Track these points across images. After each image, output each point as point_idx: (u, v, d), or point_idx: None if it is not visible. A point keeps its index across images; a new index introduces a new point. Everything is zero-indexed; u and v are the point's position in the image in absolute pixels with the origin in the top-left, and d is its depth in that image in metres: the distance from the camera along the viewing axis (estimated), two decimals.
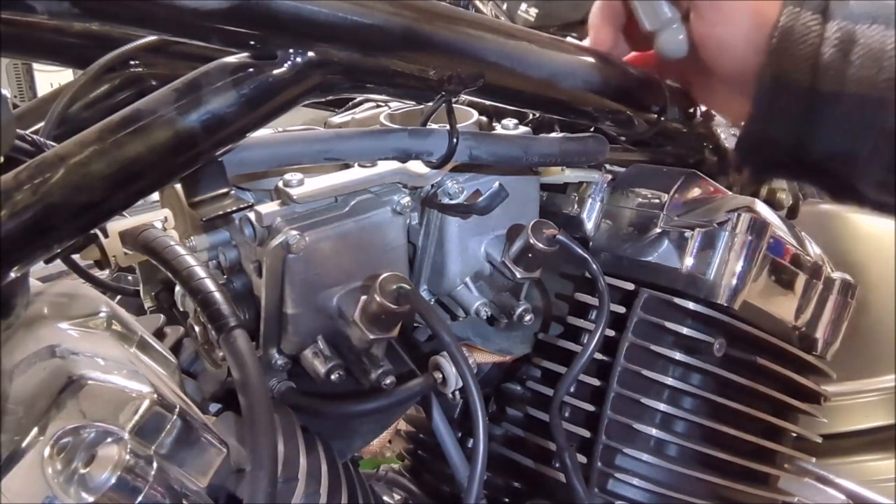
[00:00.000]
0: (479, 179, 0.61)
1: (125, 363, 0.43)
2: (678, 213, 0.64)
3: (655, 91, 0.61)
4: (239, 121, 0.42)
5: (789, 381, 0.70)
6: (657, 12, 0.58)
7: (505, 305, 0.63)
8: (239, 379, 0.42)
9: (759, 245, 0.62)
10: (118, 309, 0.50)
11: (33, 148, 0.44)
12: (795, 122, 0.53)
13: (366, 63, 0.45)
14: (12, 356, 0.42)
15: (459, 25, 0.48)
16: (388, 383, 0.56)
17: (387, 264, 0.57)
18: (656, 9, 0.58)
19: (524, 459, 0.68)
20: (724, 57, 0.56)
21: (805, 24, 0.51)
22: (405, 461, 0.83)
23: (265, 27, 0.41)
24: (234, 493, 0.45)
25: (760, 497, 0.69)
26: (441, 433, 0.66)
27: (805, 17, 0.51)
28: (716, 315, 0.62)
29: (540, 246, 0.58)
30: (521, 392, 0.70)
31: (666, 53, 0.59)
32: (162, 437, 0.40)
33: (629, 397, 0.63)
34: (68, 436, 0.36)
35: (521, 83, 0.53)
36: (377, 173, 0.57)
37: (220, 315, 0.43)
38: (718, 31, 0.55)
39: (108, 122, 0.39)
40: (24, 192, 0.36)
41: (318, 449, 0.53)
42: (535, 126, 0.71)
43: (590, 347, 0.60)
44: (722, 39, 0.55)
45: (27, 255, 0.37)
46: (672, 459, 0.64)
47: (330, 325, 0.56)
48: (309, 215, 0.54)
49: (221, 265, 0.58)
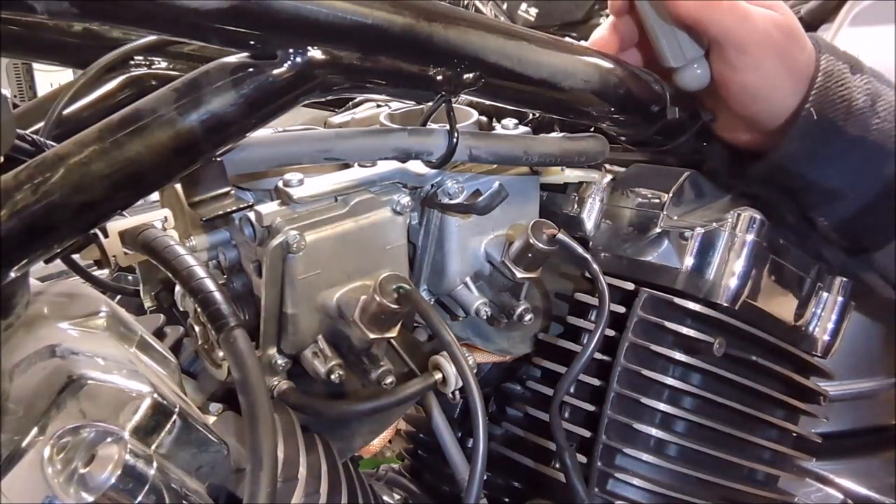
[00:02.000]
0: (479, 179, 0.61)
1: (125, 363, 0.43)
2: (678, 213, 0.64)
3: (655, 91, 0.61)
4: (239, 121, 0.42)
5: (789, 381, 0.70)
6: (683, 50, 0.58)
7: (505, 305, 0.63)
8: (239, 379, 0.42)
9: (760, 245, 0.62)
10: (118, 309, 0.50)
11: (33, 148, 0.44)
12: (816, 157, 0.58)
13: (366, 63, 0.45)
14: (12, 356, 0.42)
15: (459, 25, 0.48)
16: (388, 383, 0.56)
17: (387, 264, 0.57)
18: (682, 47, 0.58)
19: (524, 459, 0.68)
20: (746, 98, 0.58)
21: (841, 72, 0.57)
22: (405, 461, 0.83)
23: (265, 27, 0.41)
24: (234, 492, 0.45)
25: (760, 497, 0.69)
26: (441, 433, 0.66)
27: (839, 66, 0.57)
28: (716, 315, 0.62)
29: (540, 246, 0.58)
30: (521, 392, 0.70)
31: (686, 87, 0.60)
32: (162, 436, 0.40)
33: (629, 397, 0.63)
34: (68, 435, 0.36)
35: (521, 83, 0.53)
36: (377, 173, 0.57)
37: (220, 315, 0.43)
38: (745, 76, 0.57)
39: (108, 122, 0.39)
40: (24, 192, 0.36)
41: (318, 449, 0.53)
42: (535, 126, 0.71)
43: (590, 347, 0.60)
44: (747, 84, 0.57)
45: (27, 255, 0.37)
46: (672, 459, 0.64)
47: (330, 325, 0.56)
48: (309, 215, 0.54)
49: (221, 265, 0.58)
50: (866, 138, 0.56)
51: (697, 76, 0.59)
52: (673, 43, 0.58)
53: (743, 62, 0.56)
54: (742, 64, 0.56)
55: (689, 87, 0.59)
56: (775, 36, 0.56)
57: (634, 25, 0.62)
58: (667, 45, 0.58)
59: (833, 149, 0.57)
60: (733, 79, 0.57)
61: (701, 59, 0.58)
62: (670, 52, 0.58)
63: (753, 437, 0.67)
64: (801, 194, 0.61)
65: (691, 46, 0.58)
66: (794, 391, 0.71)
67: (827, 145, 0.57)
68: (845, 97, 0.56)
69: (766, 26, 0.56)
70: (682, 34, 0.58)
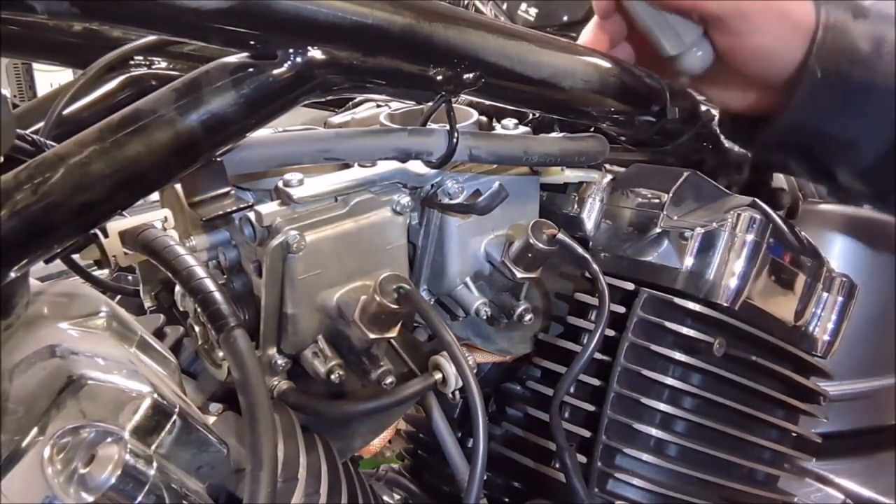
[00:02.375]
0: (479, 179, 0.61)
1: (125, 363, 0.43)
2: (678, 213, 0.64)
3: (655, 91, 0.61)
4: (239, 121, 0.42)
5: (789, 381, 0.70)
6: (681, 35, 0.58)
7: (505, 305, 0.63)
8: (239, 379, 0.42)
9: (759, 245, 0.62)
10: (118, 309, 0.50)
11: (33, 148, 0.44)
12: (828, 110, 0.58)
13: (366, 63, 0.45)
14: (12, 356, 0.42)
15: (459, 25, 0.48)
16: (388, 383, 0.56)
17: (387, 264, 0.57)
18: (680, 32, 0.58)
19: (524, 459, 0.68)
20: (757, 61, 0.59)
21: (843, 21, 0.57)
22: (405, 461, 0.83)
23: (265, 27, 0.41)
24: (234, 492, 0.45)
25: (760, 497, 0.69)
26: (441, 433, 0.66)
27: (840, 15, 0.57)
28: (716, 315, 0.62)
29: (540, 246, 0.58)
30: (521, 392, 0.70)
31: (689, 72, 0.60)
32: (162, 436, 0.40)
33: (629, 397, 0.63)
34: (68, 436, 0.36)
35: (521, 83, 0.53)
36: (377, 173, 0.57)
37: (220, 315, 0.43)
38: (751, 39, 0.57)
39: (108, 122, 0.39)
40: (24, 192, 0.36)
41: (318, 449, 0.53)
42: (535, 126, 0.71)
43: (590, 347, 0.60)
44: (756, 46, 0.58)
45: (27, 255, 0.37)
46: (672, 459, 0.64)
47: (330, 325, 0.56)
48: (309, 215, 0.54)
49: (221, 265, 0.58)
50: (874, 83, 0.56)
51: (700, 58, 0.58)
52: (668, 31, 0.58)
53: (748, 27, 0.56)
54: (748, 29, 0.57)
55: (694, 71, 0.59)
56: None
57: (621, 22, 0.62)
58: (662, 35, 0.58)
59: (842, 100, 0.57)
60: (742, 45, 0.58)
61: (699, 40, 0.58)
62: (668, 42, 0.58)
63: (753, 437, 0.67)
64: (818, 149, 0.61)
65: (688, 29, 0.58)
66: (794, 391, 0.71)
67: (835, 98, 0.57)
68: (847, 48, 0.56)
69: None
70: (675, 20, 0.58)
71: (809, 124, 0.59)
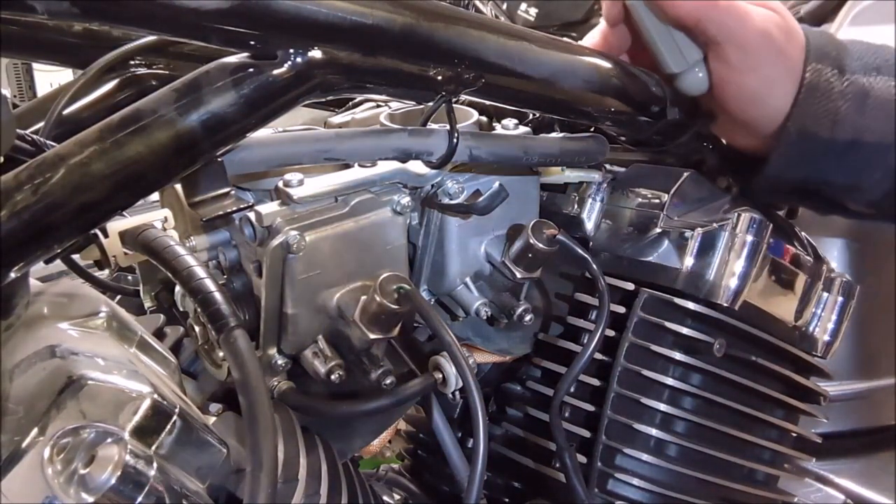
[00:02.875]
0: (479, 179, 0.61)
1: (125, 363, 0.43)
2: (678, 213, 0.64)
3: (655, 91, 0.61)
4: (239, 121, 0.42)
5: (789, 381, 0.70)
6: (685, 54, 0.58)
7: (505, 305, 0.63)
8: (239, 379, 0.42)
9: (760, 245, 0.62)
10: (118, 309, 0.50)
11: (33, 148, 0.44)
12: (813, 166, 0.58)
13: (366, 63, 0.45)
14: (12, 356, 0.42)
15: (459, 25, 0.48)
16: (388, 383, 0.56)
17: (387, 264, 0.57)
18: (682, 50, 0.58)
19: (524, 459, 0.68)
20: (744, 101, 0.58)
21: (827, 81, 0.56)
22: (405, 461, 0.83)
23: (265, 27, 0.41)
24: (234, 493, 0.45)
25: (760, 497, 0.69)
26: (441, 433, 0.66)
27: (826, 74, 0.56)
28: (716, 315, 0.62)
29: (540, 246, 0.58)
30: (521, 392, 0.70)
31: (688, 91, 0.59)
32: (162, 437, 0.40)
33: (629, 397, 0.63)
34: (68, 436, 0.36)
35: (521, 83, 0.53)
36: (377, 173, 0.57)
37: (220, 315, 0.43)
38: (743, 77, 0.57)
39: (108, 122, 0.39)
40: (24, 192, 0.36)
41: (318, 449, 0.53)
42: (535, 126, 0.71)
43: (590, 347, 0.60)
44: (745, 85, 0.57)
45: (27, 255, 0.37)
46: (672, 459, 0.64)
47: (330, 325, 0.56)
48: (309, 215, 0.54)
49: (221, 265, 0.58)
50: (860, 140, 0.56)
51: (699, 80, 0.58)
52: (672, 48, 0.58)
53: (742, 62, 0.56)
54: (741, 64, 0.56)
55: (691, 92, 0.59)
56: (775, 35, 0.56)
57: (627, 33, 0.62)
58: (666, 50, 0.58)
59: (827, 156, 0.57)
60: (732, 80, 0.57)
61: (701, 62, 0.58)
62: (671, 58, 0.58)
63: (753, 437, 0.67)
64: (819, 193, 0.60)
65: (691, 49, 0.58)
66: (794, 391, 0.71)
67: (817, 155, 0.57)
68: (829, 109, 0.55)
69: (765, 26, 0.56)
70: (680, 37, 0.57)
71: (798, 175, 0.59)
